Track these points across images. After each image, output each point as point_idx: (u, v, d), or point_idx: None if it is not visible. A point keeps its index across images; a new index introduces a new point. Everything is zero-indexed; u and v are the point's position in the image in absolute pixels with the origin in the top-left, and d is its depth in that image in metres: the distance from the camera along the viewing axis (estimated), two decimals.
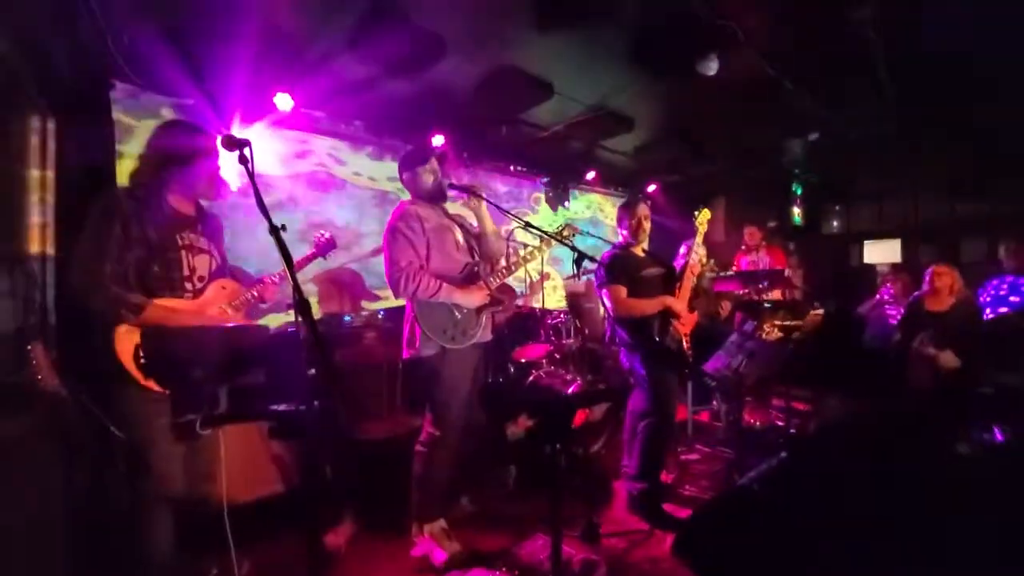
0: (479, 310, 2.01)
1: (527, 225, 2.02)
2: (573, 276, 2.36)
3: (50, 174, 2.04)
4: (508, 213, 2.03)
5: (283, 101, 3.07)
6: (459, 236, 2.08)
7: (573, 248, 2.04)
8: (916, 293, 3.16)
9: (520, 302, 4.53)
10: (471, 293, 1.96)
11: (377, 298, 3.88)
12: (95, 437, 1.49)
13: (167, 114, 2.90)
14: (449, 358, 1.92)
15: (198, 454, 1.58)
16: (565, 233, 2.19)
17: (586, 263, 2.10)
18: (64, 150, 2.08)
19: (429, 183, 2.03)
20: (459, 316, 1.94)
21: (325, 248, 2.05)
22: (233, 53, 2.59)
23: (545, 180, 5.37)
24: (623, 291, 2.30)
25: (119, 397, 1.45)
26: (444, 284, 1.90)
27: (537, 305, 3.97)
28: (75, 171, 2.09)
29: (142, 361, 1.23)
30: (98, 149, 2.28)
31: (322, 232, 2.07)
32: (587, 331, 3.42)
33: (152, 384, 1.39)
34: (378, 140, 3.90)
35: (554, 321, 3.48)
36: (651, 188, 5.64)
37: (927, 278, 3.09)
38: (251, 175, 1.28)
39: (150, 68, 2.59)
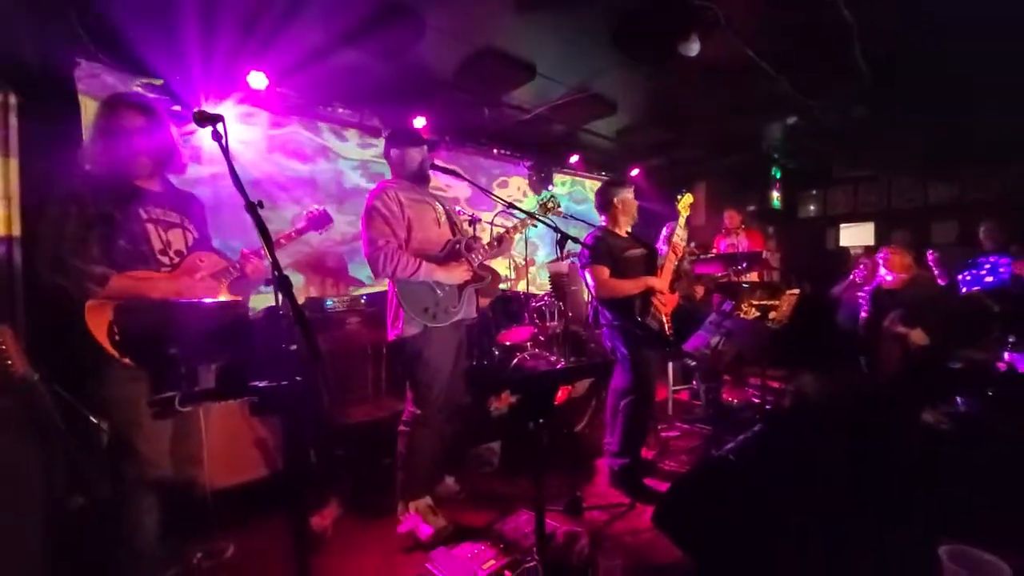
0: (461, 287, 2.01)
1: (509, 206, 2.02)
2: (557, 258, 2.38)
3: (13, 158, 1.96)
4: (492, 195, 2.03)
5: (257, 80, 2.98)
6: (440, 212, 2.07)
7: (556, 229, 2.06)
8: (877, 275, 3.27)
9: (505, 286, 4.55)
10: (452, 270, 1.96)
11: (363, 285, 3.86)
12: (71, 423, 1.46)
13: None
14: (431, 337, 1.92)
15: (182, 436, 1.59)
16: (550, 205, 2.20)
17: (570, 244, 2.12)
18: (27, 132, 2.00)
19: (415, 165, 2.03)
20: (440, 294, 1.95)
21: (318, 222, 1.97)
22: (205, 30, 2.50)
23: (528, 163, 5.37)
24: (606, 271, 2.31)
25: (99, 378, 1.43)
26: (423, 262, 1.89)
27: (521, 288, 3.99)
28: (39, 153, 2.01)
29: (116, 338, 1.21)
30: (63, 131, 2.19)
31: (315, 206, 2.00)
32: (571, 314, 3.44)
33: (128, 361, 1.38)
34: (358, 122, 3.84)
35: (538, 304, 3.50)
36: (634, 172, 5.67)
37: (879, 259, 3.21)
38: (225, 150, 1.26)
39: (117, 46, 2.48)
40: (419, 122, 3.78)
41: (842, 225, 5.86)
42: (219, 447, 1.73)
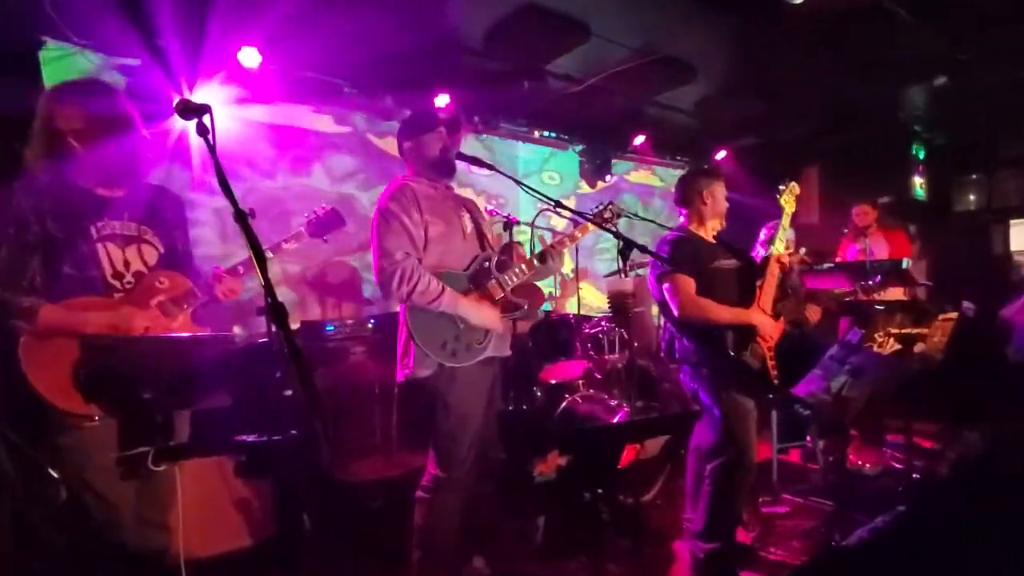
0: None
1: (557, 206, 2.01)
2: (618, 272, 2.34)
3: None
4: (533, 191, 2.03)
5: (249, 57, 3.16)
6: (467, 221, 2.09)
7: (618, 235, 2.01)
8: None
9: (549, 307, 4.52)
10: (482, 308, 1.95)
11: (370, 305, 3.96)
12: (24, 474, 1.55)
13: (111, 78, 3.03)
14: (453, 379, 1.93)
15: (151, 498, 1.63)
16: (607, 215, 2.17)
17: (635, 254, 2.07)
18: None
19: (435, 154, 2.04)
20: (462, 326, 1.93)
21: (324, 225, 1.94)
22: (188, 2, 2.68)
23: (580, 148, 5.39)
24: (691, 284, 2.25)
25: (46, 425, 1.49)
26: (448, 290, 1.89)
27: (571, 310, 3.96)
28: None
29: (82, 380, 1.28)
30: (25, 120, 2.37)
31: (321, 207, 1.97)
32: (636, 344, 3.38)
33: (92, 409, 1.45)
34: (368, 103, 3.98)
35: (593, 330, 3.48)
36: (720, 155, 5.60)
37: None
38: (212, 148, 1.31)
39: (88, 22, 2.69)
40: (441, 100, 3.88)
41: (1013, 221, 5.47)
42: (194, 509, 1.79)
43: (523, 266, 2.05)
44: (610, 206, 2.20)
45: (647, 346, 3.90)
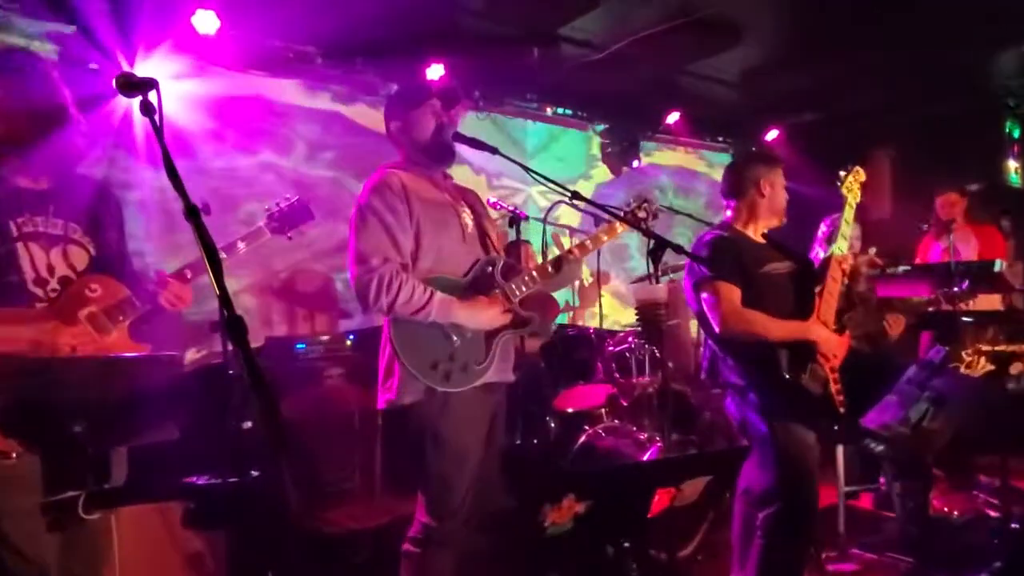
0: (491, 333, 1.99)
1: (575, 197, 2.00)
2: (647, 277, 2.33)
3: None
4: (545, 179, 1.99)
5: (205, 21, 3.18)
6: (467, 218, 2.08)
7: (648, 233, 2.01)
8: None
9: (566, 319, 4.51)
10: (479, 308, 1.94)
11: (349, 317, 3.97)
12: None
13: (40, 48, 3.06)
14: (447, 407, 1.92)
15: (81, 551, 1.60)
16: (638, 211, 2.16)
17: (668, 256, 2.05)
18: None
19: (427, 135, 2.04)
20: (457, 341, 1.91)
21: (290, 219, 1.95)
22: None
23: (603, 128, 5.40)
24: (736, 292, 2.24)
25: None
26: (437, 295, 1.87)
27: (592, 323, 3.94)
28: None
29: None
30: None
31: (286, 197, 1.99)
32: (670, 363, 3.39)
33: (8, 445, 1.43)
34: (346, 76, 4.01)
35: (618, 348, 3.46)
36: (770, 136, 5.59)
37: None
38: (158, 131, 1.32)
39: None
40: (435, 72, 3.89)
41: None
42: (134, 568, 1.78)
43: (534, 274, 2.05)
44: (645, 204, 2.18)
45: (684, 367, 3.90)
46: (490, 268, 2.03)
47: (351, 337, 3.44)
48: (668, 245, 1.95)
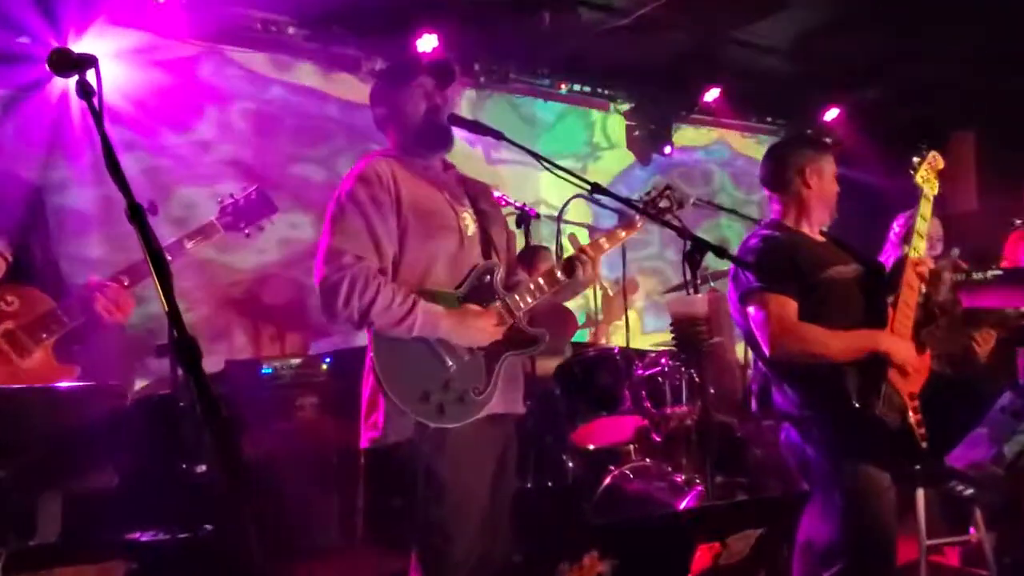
0: (492, 356, 1.99)
1: (595, 190, 2.00)
2: (684, 286, 2.32)
3: None
4: (556, 167, 1.99)
5: None
6: (467, 220, 2.09)
7: (682, 231, 1.99)
8: None
9: (586, 336, 4.48)
10: (471, 321, 1.95)
11: (327, 336, 3.97)
12: None
13: None
14: (442, 446, 1.91)
15: None
16: (663, 203, 2.15)
17: (708, 261, 2.06)
18: None
19: (419, 117, 2.07)
20: (452, 367, 1.92)
21: (244, 214, 2.01)
22: None
23: (628, 108, 5.39)
24: (790, 306, 2.25)
25: None
26: (420, 303, 1.88)
27: (617, 342, 3.92)
28: None
29: None
30: None
31: (243, 188, 2.07)
32: (713, 390, 3.34)
33: None
34: (323, 49, 4.02)
35: (649, 372, 3.44)
36: (829, 115, 5.58)
37: None
38: (97, 116, 1.32)
39: None
40: (426, 43, 3.91)
41: None
42: None
43: (541, 281, 2.04)
44: (667, 191, 2.18)
45: (729, 394, 3.84)
46: (487, 277, 2.03)
47: (328, 360, 3.43)
48: (708, 247, 1.92)
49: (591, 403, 3.33)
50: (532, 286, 2.03)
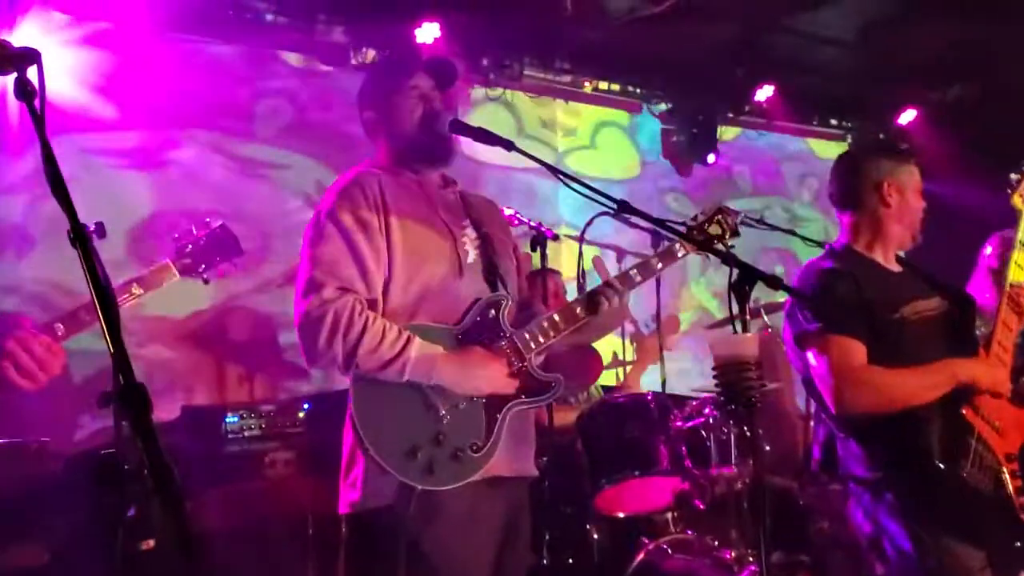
0: (495, 404, 1.99)
1: (623, 209, 2.01)
2: (731, 320, 2.30)
3: None
4: (576, 181, 2.00)
5: None
6: (468, 244, 2.11)
7: (728, 257, 1.98)
8: None
9: (612, 377, 4.44)
10: (473, 364, 1.96)
11: (303, 378, 3.96)
12: None
13: None
14: (434, 514, 1.91)
15: None
16: (716, 228, 2.17)
17: (759, 294, 2.08)
18: None
19: (415, 122, 2.10)
20: (445, 416, 1.92)
21: (204, 256, 2.06)
22: None
23: (665, 108, 5.43)
24: (859, 350, 2.25)
25: None
26: (416, 341, 1.91)
27: (650, 386, 3.89)
28: None
29: None
30: None
31: (206, 223, 2.11)
32: (768, 447, 3.34)
33: None
34: (305, 39, 4.07)
35: (690, 424, 3.41)
36: (905, 117, 5.60)
37: None
38: (38, 120, 1.33)
39: None
40: (426, 34, 3.95)
41: None
42: None
43: (556, 318, 2.04)
44: (719, 216, 2.18)
45: (788, 453, 3.83)
46: (492, 311, 2.03)
47: (306, 406, 3.42)
48: (759, 276, 1.90)
49: (620, 461, 3.26)
50: (546, 323, 2.03)
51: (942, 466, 2.18)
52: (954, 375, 2.23)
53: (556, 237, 3.28)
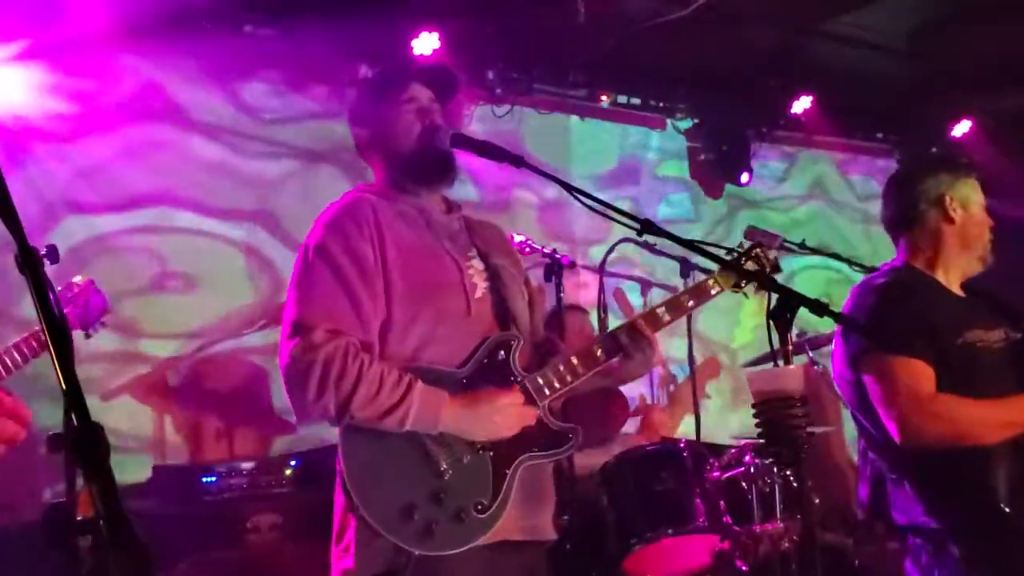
0: (503, 457, 1.99)
1: (645, 228, 1.99)
2: (772, 357, 2.29)
3: None
4: (594, 200, 2.01)
5: None
6: (475, 276, 2.13)
7: (769, 285, 1.99)
8: None
9: (636, 426, 4.42)
10: (483, 408, 1.96)
11: (291, 431, 3.96)
12: None
13: None
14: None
15: None
16: (753, 266, 2.18)
17: (805, 325, 2.05)
18: None
19: (412, 140, 2.12)
20: (447, 470, 1.92)
21: (83, 316, 2.15)
22: None
23: (692, 124, 5.48)
24: (927, 373, 2.27)
25: None
26: (420, 385, 1.90)
27: (684, 432, 3.86)
28: None
29: None
30: None
31: (69, 284, 2.18)
32: (817, 499, 3.28)
33: None
34: (283, 50, 4.11)
35: (729, 473, 3.40)
36: (959, 129, 5.62)
37: None
38: None
39: None
40: (424, 44, 3.99)
41: None
42: None
43: (574, 361, 2.05)
44: (758, 249, 2.18)
45: (839, 504, 3.77)
46: (502, 353, 2.03)
47: (294, 464, 3.42)
48: (802, 301, 1.89)
49: (651, 517, 3.25)
50: (563, 367, 2.03)
51: (1007, 509, 2.18)
52: None
53: (572, 264, 3.28)
